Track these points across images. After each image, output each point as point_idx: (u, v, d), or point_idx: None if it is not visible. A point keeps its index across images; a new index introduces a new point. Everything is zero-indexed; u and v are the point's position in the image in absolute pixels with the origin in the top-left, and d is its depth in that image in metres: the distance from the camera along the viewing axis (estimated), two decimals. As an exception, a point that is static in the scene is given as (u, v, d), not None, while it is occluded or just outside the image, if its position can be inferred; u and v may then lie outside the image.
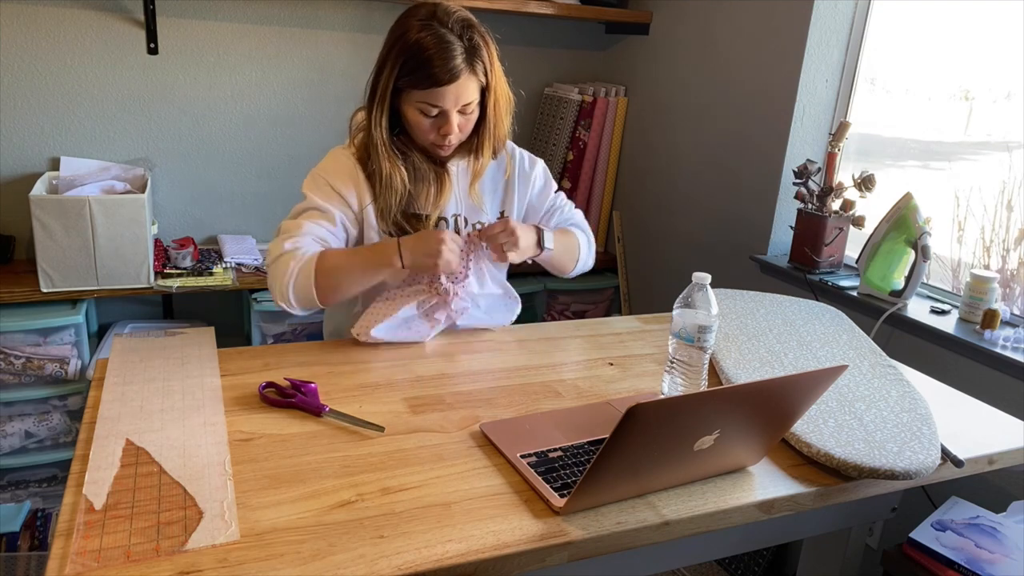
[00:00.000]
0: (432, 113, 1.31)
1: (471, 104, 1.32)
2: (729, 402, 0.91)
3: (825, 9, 2.09)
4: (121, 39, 2.28)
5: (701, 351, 1.17)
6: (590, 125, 2.77)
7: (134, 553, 0.81)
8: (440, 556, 0.84)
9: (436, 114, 1.31)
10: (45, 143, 2.29)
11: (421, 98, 1.29)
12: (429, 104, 1.29)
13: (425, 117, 1.31)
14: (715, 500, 0.99)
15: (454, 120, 1.31)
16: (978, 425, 1.26)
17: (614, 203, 2.95)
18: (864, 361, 1.37)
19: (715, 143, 2.45)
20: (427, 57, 1.25)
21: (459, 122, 1.32)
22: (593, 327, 1.59)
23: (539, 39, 2.85)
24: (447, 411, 1.17)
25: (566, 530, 0.90)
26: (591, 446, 1.07)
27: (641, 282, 2.87)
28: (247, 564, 0.81)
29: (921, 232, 1.83)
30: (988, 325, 1.69)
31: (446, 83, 1.26)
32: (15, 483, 2.19)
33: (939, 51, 2.00)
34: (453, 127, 1.31)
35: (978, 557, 1.33)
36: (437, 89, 1.27)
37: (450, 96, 1.28)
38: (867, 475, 1.03)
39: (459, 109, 1.31)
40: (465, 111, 1.32)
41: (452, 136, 1.33)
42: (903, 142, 2.13)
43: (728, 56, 2.37)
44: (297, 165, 2.56)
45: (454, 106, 1.30)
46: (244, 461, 0.99)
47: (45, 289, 2.05)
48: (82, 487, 0.91)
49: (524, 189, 1.53)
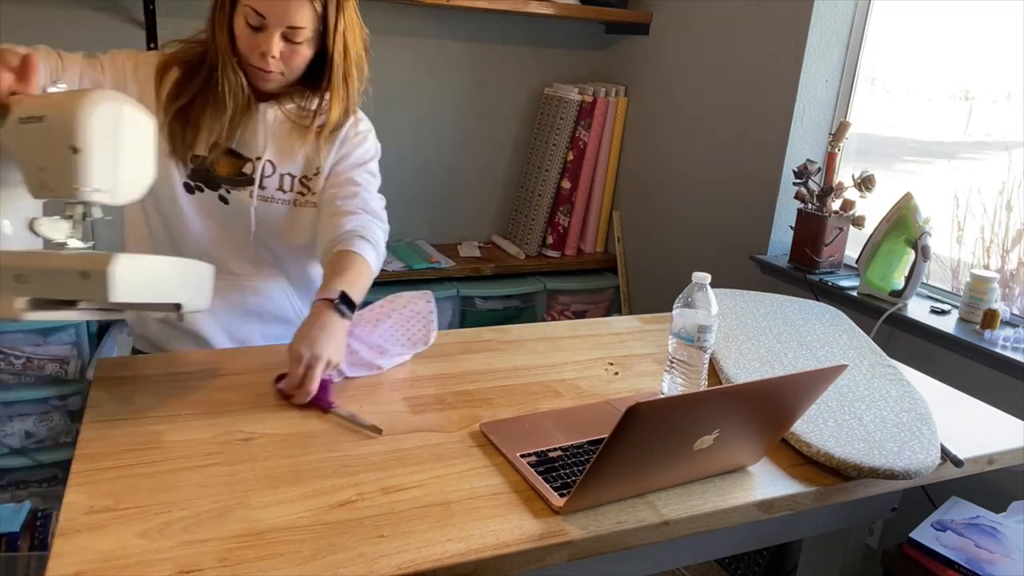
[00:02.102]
0: (255, 23, 1.23)
1: (300, 32, 1.23)
2: (729, 402, 0.91)
3: (825, 9, 2.10)
4: (121, 39, 2.28)
5: (701, 351, 1.18)
6: (590, 125, 2.77)
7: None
8: (440, 555, 0.84)
9: (259, 27, 1.23)
10: (45, 143, 2.29)
11: (248, 2, 1.21)
12: (254, 10, 1.21)
13: (249, 28, 1.23)
14: (715, 500, 0.99)
15: (275, 40, 1.23)
16: (978, 425, 1.26)
17: (614, 203, 2.95)
18: (864, 361, 1.37)
19: (715, 143, 2.45)
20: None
21: (283, 49, 1.24)
22: (593, 327, 1.58)
23: (539, 39, 2.85)
24: (447, 411, 1.17)
25: (566, 530, 0.90)
26: (591, 446, 1.07)
27: (641, 282, 2.87)
28: (247, 563, 0.81)
29: (921, 232, 1.83)
30: (988, 325, 1.69)
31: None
32: (15, 483, 2.20)
33: (939, 51, 2.00)
34: (273, 46, 1.23)
35: (978, 557, 1.33)
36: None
37: (276, 6, 1.21)
38: (867, 475, 1.03)
39: (286, 33, 1.23)
40: (292, 38, 1.23)
41: (272, 61, 1.25)
42: (903, 142, 2.13)
43: (728, 56, 2.37)
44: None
45: (277, 23, 1.22)
46: (244, 461, 0.99)
47: (45, 289, 2.05)
48: (82, 487, 0.91)
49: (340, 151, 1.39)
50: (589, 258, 2.96)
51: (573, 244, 2.93)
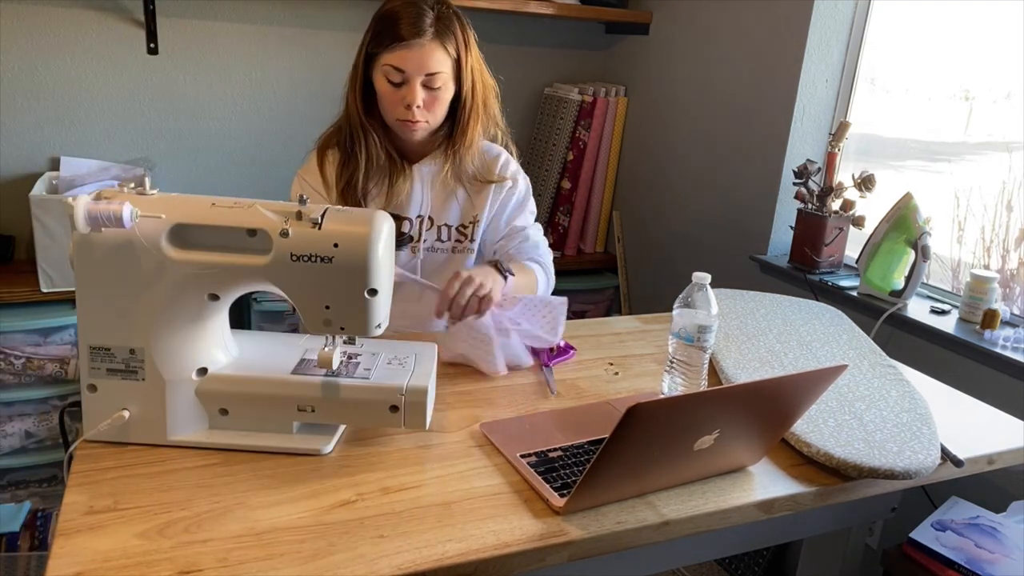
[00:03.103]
0: (396, 79, 1.29)
1: (438, 76, 1.30)
2: (729, 402, 0.91)
3: (825, 9, 2.09)
4: (121, 39, 2.28)
5: (701, 351, 1.17)
6: (590, 125, 2.77)
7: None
8: (440, 556, 0.84)
9: (400, 82, 1.29)
10: (45, 143, 2.29)
11: (387, 61, 1.28)
12: (393, 67, 1.28)
13: (390, 85, 1.29)
14: (715, 500, 0.99)
15: (417, 90, 1.29)
16: (978, 425, 1.26)
17: (614, 203, 2.95)
18: (864, 361, 1.37)
19: (715, 143, 2.45)
20: (395, 16, 1.27)
21: (424, 97, 1.30)
22: (593, 327, 1.58)
23: (539, 39, 2.85)
24: (447, 411, 1.17)
25: (566, 530, 0.90)
26: (591, 446, 1.07)
27: (641, 282, 2.87)
28: (247, 564, 0.81)
29: (921, 232, 1.83)
30: (988, 325, 1.69)
31: (409, 38, 1.25)
32: (15, 483, 2.19)
33: (939, 51, 2.00)
34: (416, 96, 1.28)
35: (978, 557, 1.33)
36: (401, 50, 1.26)
37: (412, 58, 1.27)
38: (867, 475, 1.03)
39: (425, 81, 1.29)
40: (432, 84, 1.30)
41: (417, 110, 1.30)
42: (903, 142, 2.13)
43: (728, 56, 2.37)
44: (296, 165, 2.55)
45: (417, 71, 1.28)
46: (244, 461, 0.99)
47: (45, 289, 2.05)
48: (82, 487, 0.91)
49: (497, 198, 1.49)
50: (589, 258, 2.96)
51: (573, 244, 2.93)
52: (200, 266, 0.96)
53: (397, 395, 1.02)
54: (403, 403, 1.02)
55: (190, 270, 0.95)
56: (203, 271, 0.96)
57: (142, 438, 1.00)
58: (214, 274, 0.96)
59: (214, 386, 1.01)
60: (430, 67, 1.28)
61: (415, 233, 1.44)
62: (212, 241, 0.96)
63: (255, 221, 0.95)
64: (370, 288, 0.97)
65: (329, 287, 0.97)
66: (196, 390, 1.00)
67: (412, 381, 1.03)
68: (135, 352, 0.97)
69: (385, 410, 1.02)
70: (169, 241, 0.95)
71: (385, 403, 1.02)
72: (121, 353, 0.97)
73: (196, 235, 0.96)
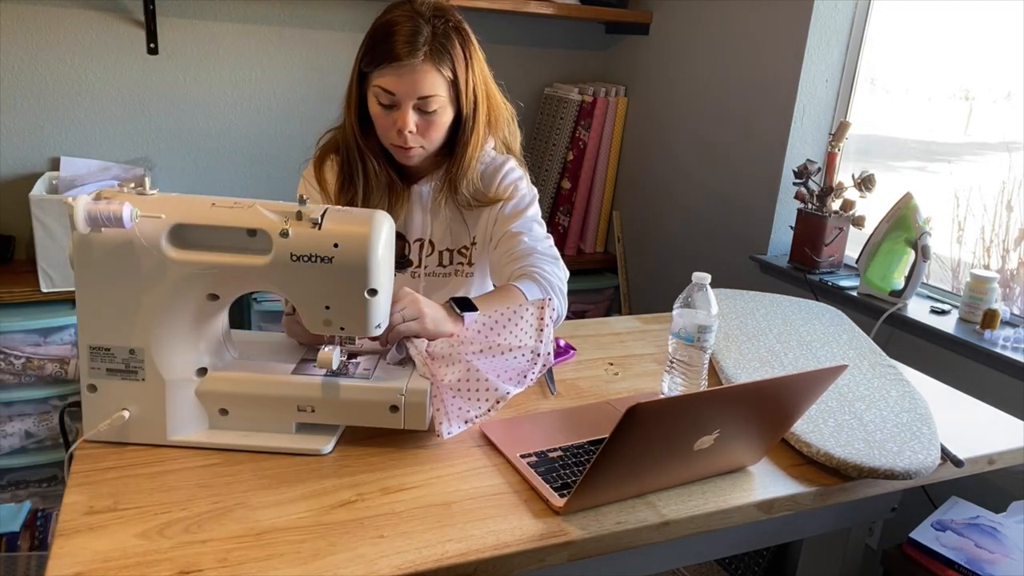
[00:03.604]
0: (387, 102, 1.21)
1: (432, 100, 1.20)
2: (729, 402, 0.91)
3: (825, 9, 2.09)
4: (121, 39, 2.28)
5: (701, 351, 1.17)
6: (590, 125, 2.77)
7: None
8: (440, 556, 0.84)
9: (391, 104, 1.21)
10: (45, 143, 2.29)
11: (377, 82, 1.20)
12: (383, 90, 1.20)
13: (382, 108, 1.22)
14: (715, 500, 0.99)
15: (409, 115, 1.20)
16: (978, 425, 1.26)
17: (614, 203, 2.95)
18: (864, 361, 1.37)
19: (715, 143, 2.45)
20: (388, 32, 1.18)
21: (418, 122, 1.22)
22: (593, 327, 1.58)
23: (539, 39, 2.85)
24: (447, 411, 1.16)
25: (566, 530, 0.90)
26: (591, 446, 1.07)
27: (641, 282, 2.87)
28: (247, 564, 0.81)
29: (921, 232, 1.83)
30: (988, 325, 1.69)
31: (400, 59, 1.16)
32: (15, 483, 2.19)
33: (939, 51, 2.00)
34: (407, 121, 1.20)
35: (978, 557, 1.33)
36: (391, 72, 1.18)
37: (404, 82, 1.18)
38: (867, 475, 1.03)
39: (419, 105, 1.21)
40: (425, 108, 1.21)
41: (410, 135, 1.22)
42: (903, 142, 2.13)
43: (728, 56, 2.37)
44: (297, 165, 2.55)
45: (409, 95, 1.19)
46: (243, 461, 0.99)
47: (45, 289, 2.05)
48: (82, 487, 0.91)
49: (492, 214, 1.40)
50: (589, 258, 2.96)
51: (573, 244, 2.93)
52: (200, 266, 0.96)
53: (397, 395, 1.02)
54: (403, 403, 1.02)
55: (190, 270, 0.95)
56: (203, 271, 0.96)
57: (142, 438, 1.00)
58: (214, 274, 0.96)
59: (214, 386, 1.01)
60: (422, 91, 1.19)
61: (415, 258, 1.39)
62: (212, 241, 0.96)
63: (255, 221, 0.95)
64: (370, 288, 0.97)
65: (329, 287, 0.97)
66: (196, 390, 1.01)
67: (412, 381, 1.03)
68: (135, 352, 0.97)
69: (385, 410, 1.02)
70: (169, 241, 0.95)
71: (385, 403, 1.02)
72: (121, 353, 0.97)
73: (196, 235, 0.96)
